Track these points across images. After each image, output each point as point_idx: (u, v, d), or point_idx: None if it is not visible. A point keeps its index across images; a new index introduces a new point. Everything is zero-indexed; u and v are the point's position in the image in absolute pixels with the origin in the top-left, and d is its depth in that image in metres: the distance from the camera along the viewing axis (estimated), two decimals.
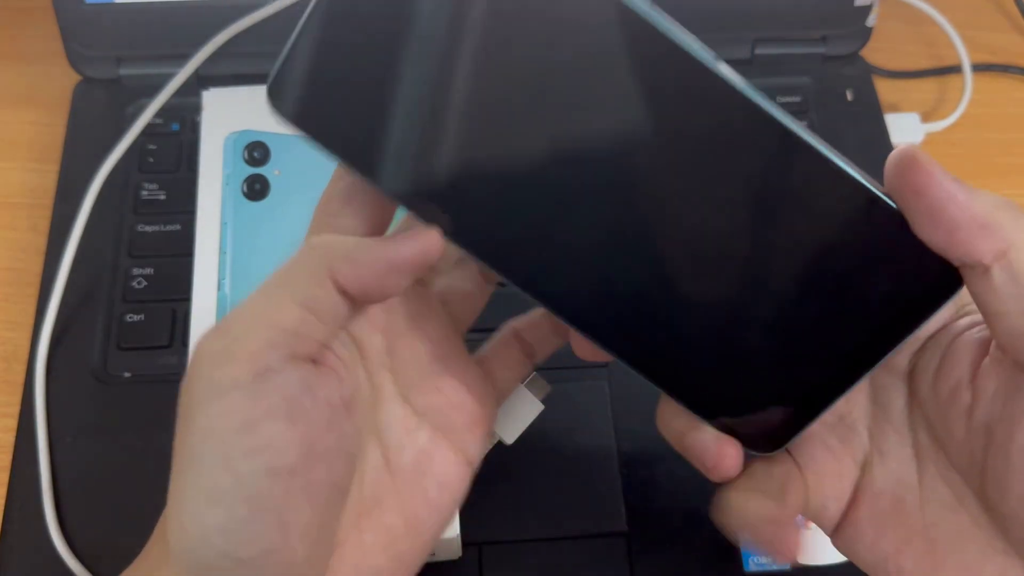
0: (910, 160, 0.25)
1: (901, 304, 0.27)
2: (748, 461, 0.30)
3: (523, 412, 0.38)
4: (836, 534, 0.30)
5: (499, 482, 0.41)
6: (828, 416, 0.28)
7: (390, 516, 0.29)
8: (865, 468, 0.30)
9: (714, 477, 0.30)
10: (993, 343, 0.27)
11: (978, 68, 0.56)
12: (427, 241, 0.26)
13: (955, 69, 0.56)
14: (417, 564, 0.30)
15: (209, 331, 0.25)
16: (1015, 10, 0.60)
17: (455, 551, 0.40)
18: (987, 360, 0.27)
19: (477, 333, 0.45)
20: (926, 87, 0.57)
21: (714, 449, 0.29)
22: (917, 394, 0.29)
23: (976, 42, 0.57)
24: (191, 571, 0.25)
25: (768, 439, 0.29)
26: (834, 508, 0.30)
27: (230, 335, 0.25)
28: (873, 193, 0.26)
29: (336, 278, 0.26)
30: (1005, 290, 0.25)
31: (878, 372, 0.28)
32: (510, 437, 0.38)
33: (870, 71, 0.56)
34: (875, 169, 0.27)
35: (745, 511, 0.30)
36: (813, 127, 0.53)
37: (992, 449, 0.27)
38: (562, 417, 0.42)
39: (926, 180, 0.25)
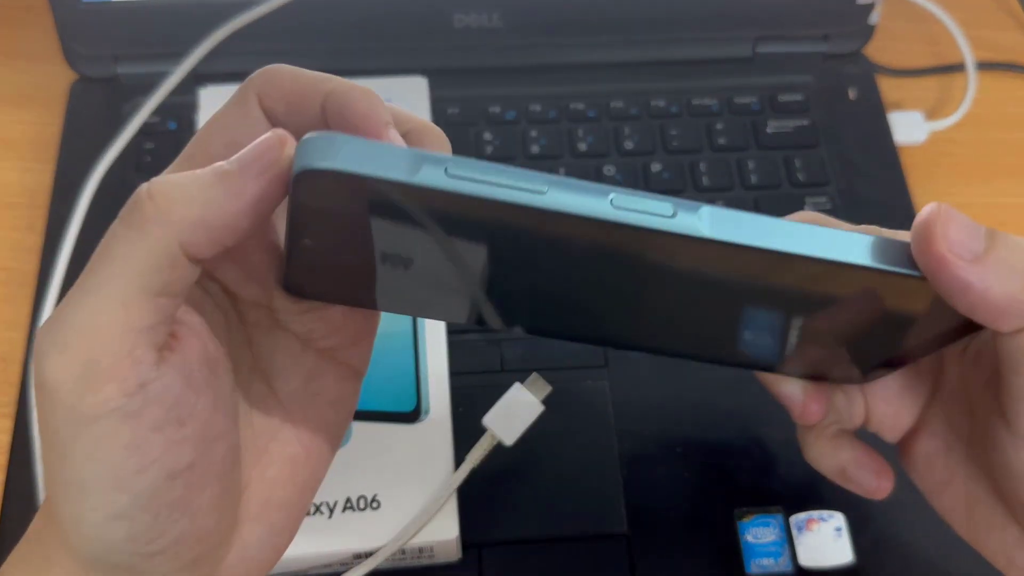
0: (925, 241, 0.24)
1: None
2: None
3: (523, 413, 0.38)
4: (900, 458, 0.32)
5: (499, 483, 0.41)
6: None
7: (289, 447, 0.27)
8: (926, 409, 0.31)
9: (802, 423, 0.33)
10: None
11: (982, 66, 0.56)
12: (269, 158, 0.23)
13: (958, 67, 0.56)
14: (317, 486, 0.29)
15: (46, 349, 0.22)
16: (1019, 8, 0.59)
17: (455, 553, 0.39)
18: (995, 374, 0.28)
19: (469, 334, 0.45)
20: (929, 85, 0.57)
21: (800, 402, 0.32)
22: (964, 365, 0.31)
23: (980, 40, 0.56)
24: (97, 567, 0.24)
25: (853, 378, 0.32)
26: (889, 438, 0.32)
27: (82, 354, 0.22)
28: (883, 271, 0.25)
29: (190, 252, 0.22)
30: (1012, 353, 0.25)
31: None
32: (510, 438, 0.38)
33: (873, 69, 0.56)
34: (878, 168, 0.26)
35: (827, 459, 0.33)
36: (815, 126, 0.53)
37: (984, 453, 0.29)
38: (562, 418, 0.41)
39: (941, 266, 0.24)
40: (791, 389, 0.32)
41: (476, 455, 0.38)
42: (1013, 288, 0.24)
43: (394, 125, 0.25)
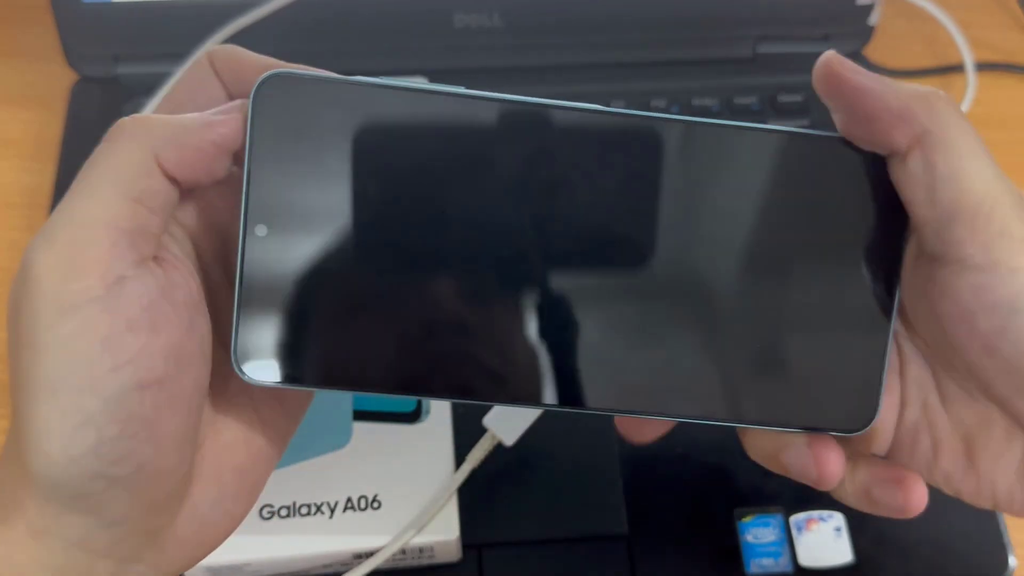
0: (825, 64, 0.27)
1: (887, 228, 0.28)
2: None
3: (523, 413, 0.37)
4: (889, 455, 0.30)
5: (499, 484, 0.41)
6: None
7: (245, 414, 0.28)
8: (903, 388, 0.29)
9: (825, 487, 0.29)
10: None
11: (982, 67, 0.56)
12: (234, 104, 0.26)
13: (958, 68, 0.56)
14: (275, 461, 0.29)
15: (36, 244, 0.24)
16: (1019, 8, 0.59)
17: (455, 553, 0.39)
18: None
19: None
20: (929, 85, 0.56)
21: (813, 461, 0.29)
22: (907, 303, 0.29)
23: (979, 41, 0.56)
24: (58, 497, 0.24)
25: (856, 415, 0.29)
26: (882, 447, 0.30)
27: (67, 244, 0.23)
28: (790, 130, 0.28)
29: (162, 163, 0.25)
30: (916, 178, 0.26)
31: None
32: (510, 439, 0.38)
33: (873, 70, 0.56)
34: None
35: (848, 486, 0.30)
36: (816, 127, 0.53)
37: (942, 337, 0.27)
38: (563, 418, 0.41)
39: (838, 80, 0.26)
40: (797, 453, 0.29)
41: (476, 455, 0.38)
42: (905, 97, 0.26)
43: None
